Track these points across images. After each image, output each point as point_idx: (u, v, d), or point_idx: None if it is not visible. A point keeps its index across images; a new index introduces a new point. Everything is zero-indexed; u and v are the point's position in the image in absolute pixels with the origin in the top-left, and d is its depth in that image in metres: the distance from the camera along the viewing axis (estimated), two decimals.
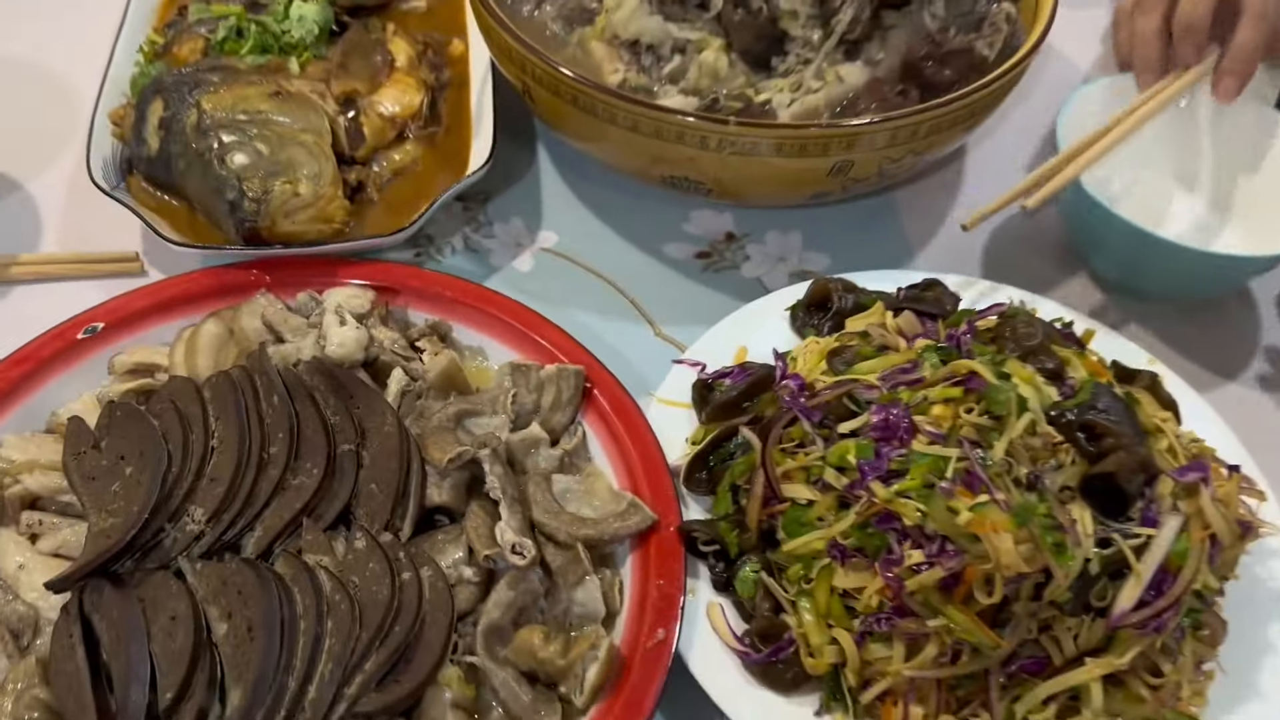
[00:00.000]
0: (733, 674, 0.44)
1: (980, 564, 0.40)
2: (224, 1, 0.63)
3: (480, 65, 0.63)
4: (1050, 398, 0.43)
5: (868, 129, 0.52)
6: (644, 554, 0.46)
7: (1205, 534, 0.42)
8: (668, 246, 0.62)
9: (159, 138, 0.56)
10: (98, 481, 0.44)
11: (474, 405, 0.50)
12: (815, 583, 0.43)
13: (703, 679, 0.43)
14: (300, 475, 0.45)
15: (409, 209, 0.57)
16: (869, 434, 0.43)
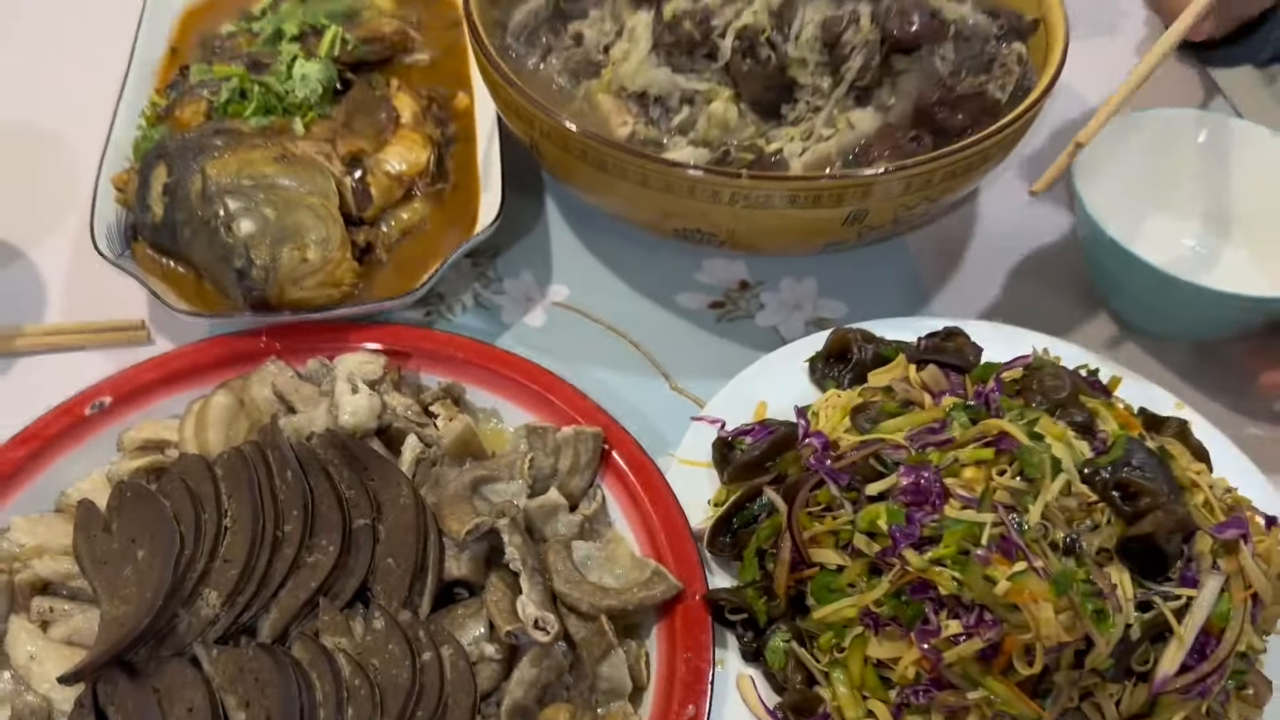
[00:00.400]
0: None
1: (1020, 634, 0.39)
2: (226, 62, 0.63)
3: (486, 119, 0.63)
4: (1083, 454, 0.42)
5: (882, 178, 0.51)
6: (670, 624, 0.45)
7: (1247, 593, 0.41)
8: (680, 296, 0.61)
9: (164, 204, 0.55)
10: (109, 566, 0.43)
11: (490, 471, 0.49)
12: (848, 652, 0.42)
13: None
14: (315, 553, 0.44)
15: (419, 268, 0.56)
16: (899, 498, 0.42)
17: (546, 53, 0.61)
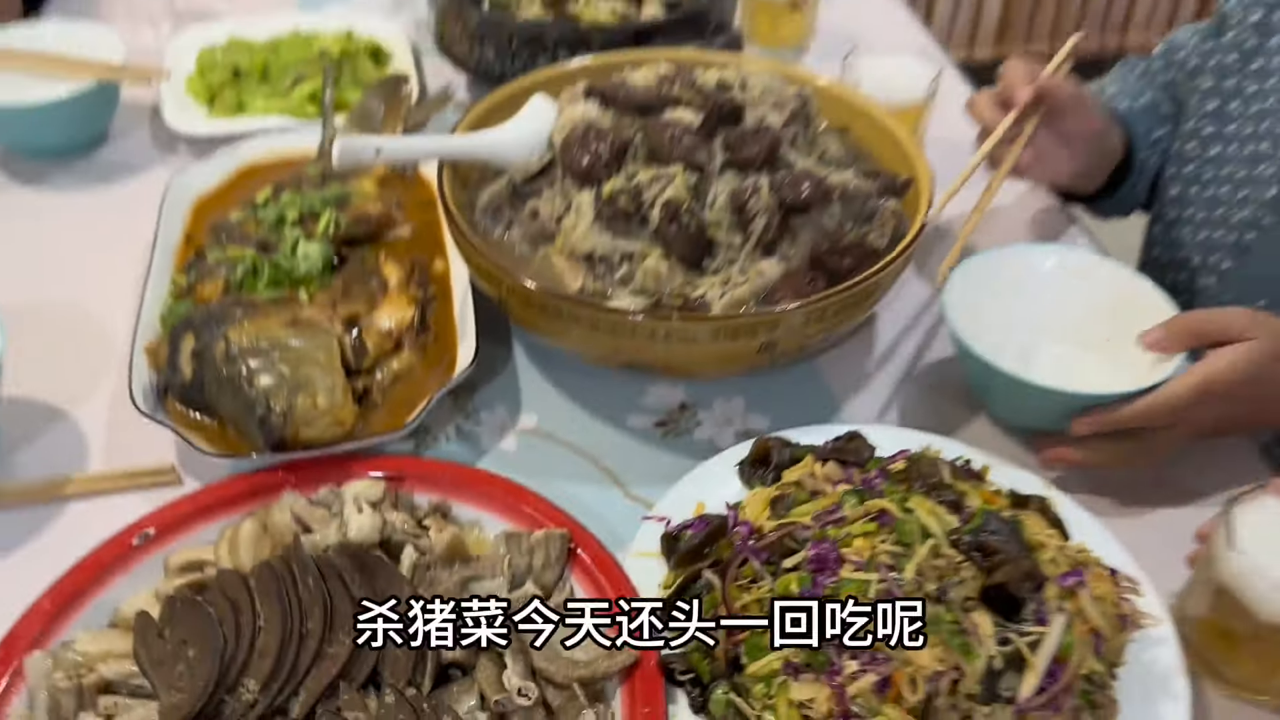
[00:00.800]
0: None
1: (904, 668, 0.49)
2: (237, 244, 0.75)
3: (460, 280, 0.75)
4: (950, 525, 0.53)
5: (785, 315, 0.63)
6: (630, 686, 0.54)
7: (1087, 628, 0.51)
8: (630, 418, 0.72)
9: (192, 366, 0.66)
10: (164, 665, 0.52)
11: (476, 571, 0.59)
12: (776, 698, 0.51)
13: None
14: (335, 645, 0.53)
15: (408, 407, 0.67)
16: (807, 567, 0.52)
17: (509, 225, 0.73)
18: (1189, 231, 0.85)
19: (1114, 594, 0.54)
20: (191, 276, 0.74)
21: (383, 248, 0.78)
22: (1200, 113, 0.86)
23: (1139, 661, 0.55)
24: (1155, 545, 0.62)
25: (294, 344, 0.66)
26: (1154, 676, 0.55)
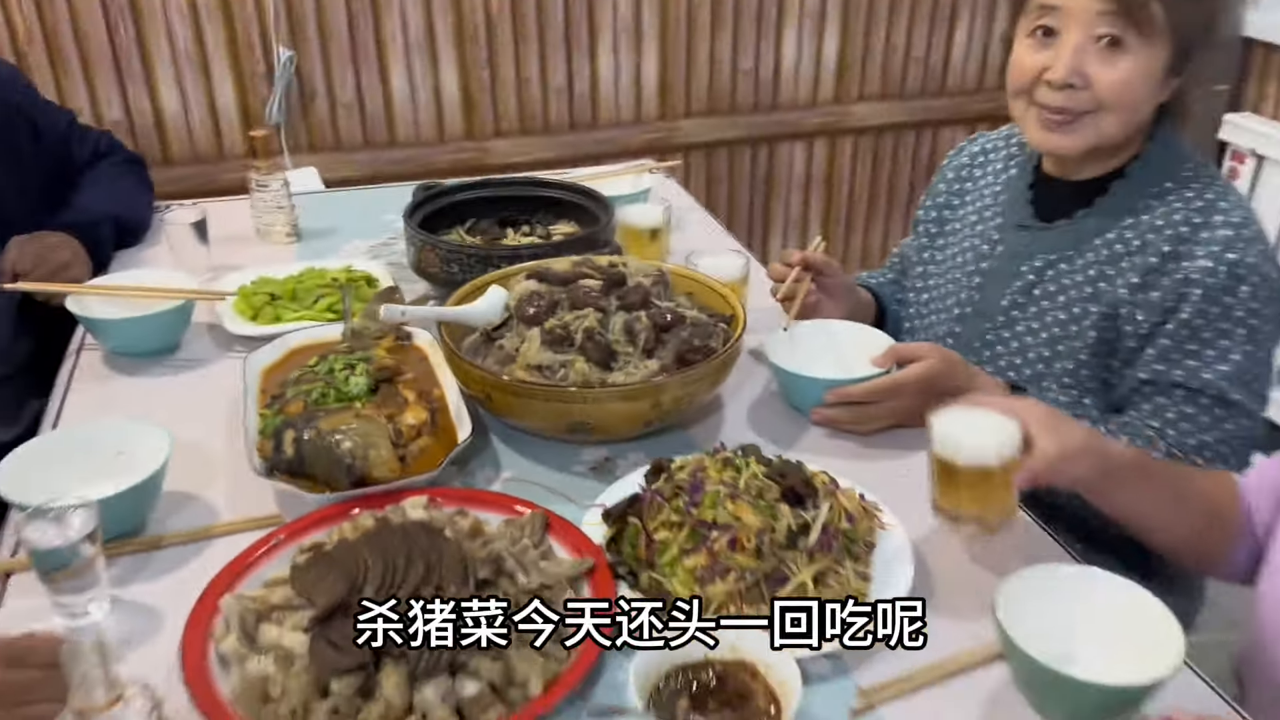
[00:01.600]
0: None
1: (743, 530, 0.88)
2: (307, 383, 1.14)
3: (453, 394, 1.15)
4: (763, 469, 0.94)
5: (662, 383, 1.06)
6: (594, 580, 0.91)
7: (841, 509, 0.92)
8: (573, 467, 1.10)
9: (294, 449, 1.03)
10: (313, 585, 0.87)
11: (489, 538, 0.96)
12: (675, 570, 0.89)
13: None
14: (414, 567, 0.89)
15: (430, 468, 1.05)
16: (686, 494, 0.92)
17: (484, 357, 1.15)
18: (920, 335, 1.34)
19: (857, 499, 0.95)
20: (276, 406, 1.12)
21: (400, 383, 1.18)
22: (914, 275, 1.37)
23: (885, 548, 0.95)
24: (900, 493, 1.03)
25: (359, 426, 1.04)
26: (893, 554, 0.95)
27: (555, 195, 1.56)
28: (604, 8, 2.50)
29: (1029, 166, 1.26)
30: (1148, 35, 1.05)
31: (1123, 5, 1.03)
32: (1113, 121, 1.09)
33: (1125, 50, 1.06)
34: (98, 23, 2.25)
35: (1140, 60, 1.06)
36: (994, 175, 1.32)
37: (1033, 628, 0.78)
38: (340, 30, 2.38)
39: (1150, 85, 1.08)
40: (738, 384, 1.25)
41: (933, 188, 1.41)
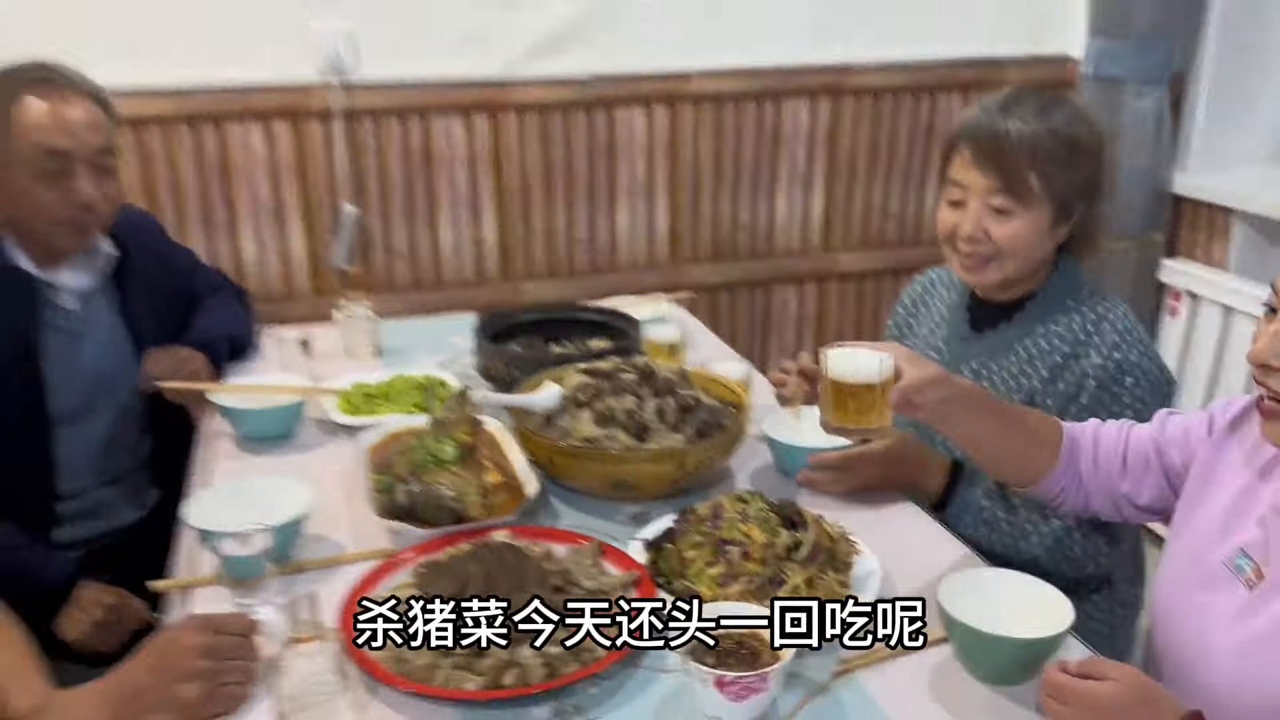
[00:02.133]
0: None
1: (753, 545, 1.18)
2: (408, 455, 1.46)
3: (520, 463, 1.47)
4: (765, 504, 1.25)
5: (686, 450, 1.38)
6: (640, 587, 1.20)
7: (825, 532, 1.22)
8: (616, 519, 1.41)
9: (408, 500, 1.35)
10: (433, 585, 1.16)
11: (559, 562, 1.25)
12: (700, 577, 1.19)
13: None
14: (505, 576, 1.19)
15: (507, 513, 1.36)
16: (709, 521, 1.23)
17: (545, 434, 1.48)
18: None
19: (838, 528, 1.26)
20: (385, 471, 1.44)
21: (478, 455, 1.50)
22: None
23: (859, 567, 1.25)
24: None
25: (455, 480, 1.36)
26: (866, 571, 1.25)
27: (591, 318, 1.92)
28: (622, 170, 2.93)
29: (965, 292, 1.62)
30: (1028, 203, 1.42)
31: (1006, 184, 1.41)
32: (1011, 263, 1.46)
33: (1013, 214, 1.43)
34: (193, 179, 2.66)
35: (1026, 220, 1.43)
36: (940, 300, 1.68)
37: (964, 610, 1.08)
38: (397, 190, 2.79)
39: (1037, 236, 1.44)
40: (743, 459, 1.57)
41: (896, 308, 1.77)
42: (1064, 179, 1.41)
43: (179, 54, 2.51)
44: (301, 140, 2.67)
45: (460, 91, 2.72)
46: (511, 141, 2.81)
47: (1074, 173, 1.42)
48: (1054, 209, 1.43)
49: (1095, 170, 1.45)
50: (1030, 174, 1.40)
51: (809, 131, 3.08)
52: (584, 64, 2.79)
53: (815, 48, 3.00)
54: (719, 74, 2.92)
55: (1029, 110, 1.42)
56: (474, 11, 2.67)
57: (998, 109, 1.44)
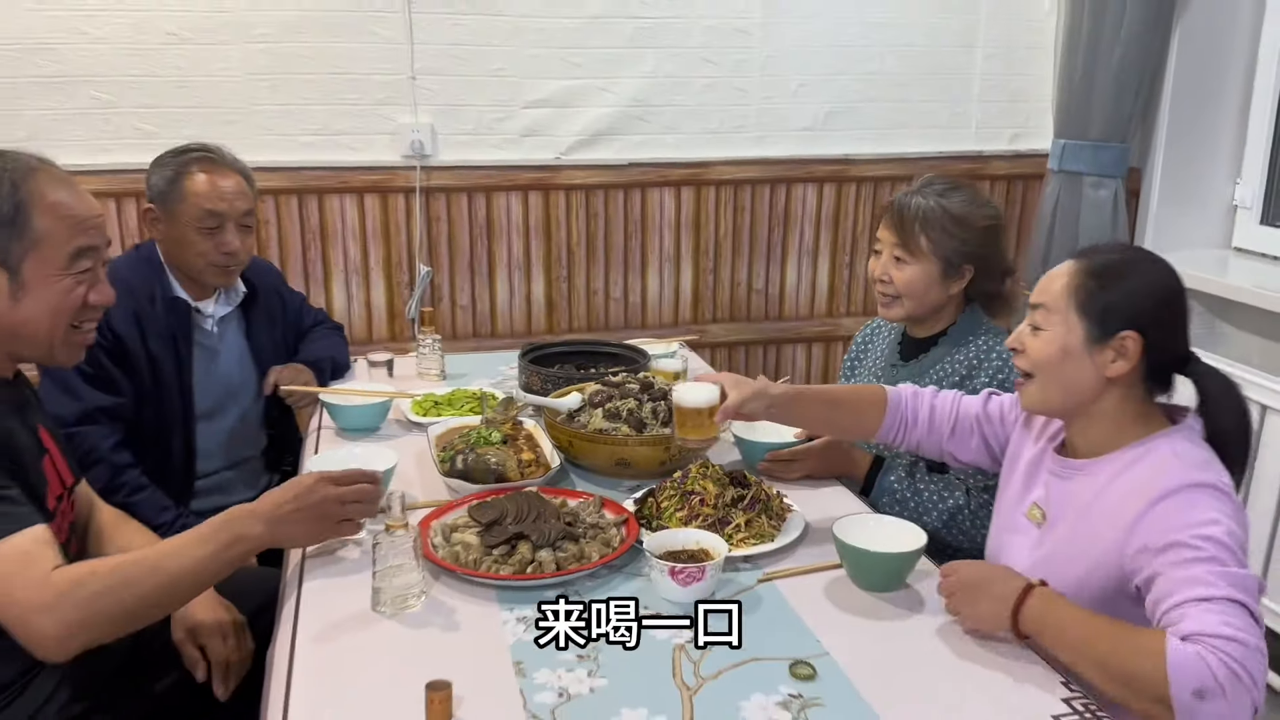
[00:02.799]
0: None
1: (708, 495, 1.64)
2: (466, 437, 1.95)
3: (547, 447, 1.96)
4: (720, 469, 1.72)
5: (671, 438, 1.86)
6: (628, 526, 1.67)
7: (763, 490, 1.68)
8: (620, 490, 1.89)
9: (462, 464, 1.84)
10: (480, 514, 1.64)
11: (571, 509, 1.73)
12: (671, 518, 1.65)
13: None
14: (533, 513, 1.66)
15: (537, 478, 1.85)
16: (678, 480, 1.70)
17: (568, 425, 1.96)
18: None
19: (775, 491, 1.72)
20: (448, 449, 1.93)
21: (517, 441, 1.99)
22: None
23: (791, 520, 1.71)
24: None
25: (499, 453, 1.85)
26: (792, 520, 1.70)
27: (611, 350, 2.42)
28: (653, 240, 3.46)
29: (900, 331, 2.09)
30: (919, 257, 1.90)
31: (903, 240, 1.90)
32: (909, 302, 1.93)
33: (907, 263, 1.91)
34: (297, 240, 3.23)
35: (917, 269, 1.91)
36: (882, 339, 2.15)
37: (851, 539, 1.53)
38: (463, 253, 3.35)
39: (925, 283, 1.91)
40: (717, 454, 2.03)
41: (850, 347, 2.26)
42: (947, 243, 1.89)
43: (295, 140, 3.12)
44: (387, 211, 3.25)
45: (519, 174, 3.29)
46: (560, 215, 3.36)
47: (956, 240, 1.90)
48: (941, 265, 1.90)
49: (981, 242, 1.91)
50: (921, 236, 1.89)
51: (816, 213, 3.59)
52: (622, 152, 3.36)
53: (823, 142, 3.53)
54: (738, 162, 3.46)
55: (933, 191, 1.91)
56: (532, 110, 3.26)
57: (913, 189, 1.93)
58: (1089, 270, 1.38)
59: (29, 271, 1.38)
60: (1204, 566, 1.20)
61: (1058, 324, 1.39)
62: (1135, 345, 1.35)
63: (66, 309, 1.42)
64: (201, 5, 2.95)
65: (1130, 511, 1.30)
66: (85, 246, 1.43)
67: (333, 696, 1.26)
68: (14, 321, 1.39)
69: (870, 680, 1.30)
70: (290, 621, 1.43)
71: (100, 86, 2.96)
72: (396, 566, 1.44)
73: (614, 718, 1.22)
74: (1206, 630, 1.14)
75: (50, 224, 1.38)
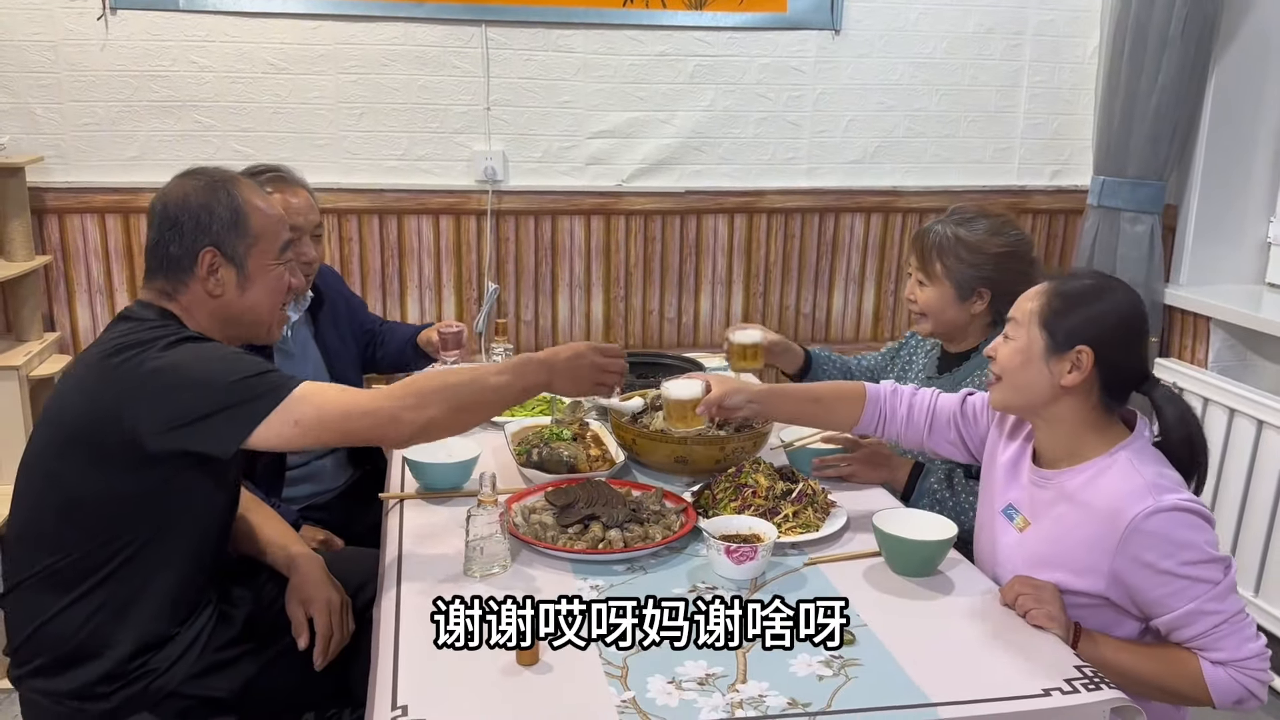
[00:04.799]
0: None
1: (759, 487, 1.83)
2: (540, 434, 2.15)
3: (612, 445, 2.15)
4: (771, 465, 1.90)
5: (726, 438, 2.05)
6: (687, 514, 1.85)
7: (810, 486, 1.86)
8: (676, 485, 2.08)
9: (537, 456, 2.04)
10: (556, 498, 1.84)
11: (636, 499, 1.92)
12: (725, 508, 1.84)
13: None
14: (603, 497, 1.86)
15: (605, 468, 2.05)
16: (733, 474, 1.88)
17: None
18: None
19: (820, 490, 1.90)
20: (524, 444, 2.13)
21: (585, 439, 2.19)
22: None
23: (835, 514, 1.88)
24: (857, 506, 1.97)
25: (570, 448, 2.05)
26: (835, 514, 1.88)
27: (668, 362, 2.62)
28: (706, 264, 3.66)
29: (939, 347, 2.27)
30: (935, 279, 2.09)
31: (922, 265, 2.10)
32: (930, 321, 2.13)
33: (927, 286, 2.11)
34: (377, 256, 3.48)
35: (935, 291, 2.10)
36: (924, 353, 2.34)
37: (890, 529, 1.70)
38: (529, 271, 3.57)
39: (942, 304, 2.10)
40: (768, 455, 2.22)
41: (884, 349, 2.46)
42: (959, 269, 2.08)
43: (378, 165, 3.37)
44: (460, 232, 3.49)
45: (583, 199, 3.51)
46: (620, 239, 3.58)
47: (967, 265, 2.08)
48: (955, 288, 2.09)
49: (995, 268, 2.08)
50: (937, 262, 2.08)
51: (863, 241, 3.77)
52: (680, 181, 3.57)
53: (871, 174, 3.72)
54: (789, 192, 3.66)
55: (952, 221, 2.10)
56: (596, 140, 3.48)
57: (939, 219, 2.12)
58: (1058, 292, 1.56)
59: (252, 265, 1.64)
60: (1201, 596, 1.44)
61: (1022, 335, 1.57)
62: (1088, 359, 1.51)
63: (280, 292, 1.70)
64: (299, 38, 3.22)
65: (1109, 536, 1.48)
66: (289, 240, 1.72)
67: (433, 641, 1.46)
68: (241, 309, 1.65)
69: (903, 646, 1.47)
70: (394, 581, 1.63)
71: (205, 111, 3.23)
72: (486, 537, 1.64)
73: (678, 666, 1.40)
74: (1235, 657, 1.44)
75: (262, 223, 1.65)
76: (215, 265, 1.60)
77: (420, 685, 1.35)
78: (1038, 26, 3.64)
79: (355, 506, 2.53)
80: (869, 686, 1.37)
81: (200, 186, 1.60)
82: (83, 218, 3.23)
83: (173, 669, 1.59)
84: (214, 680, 1.64)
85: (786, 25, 3.48)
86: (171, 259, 1.58)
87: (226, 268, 1.61)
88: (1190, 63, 3.25)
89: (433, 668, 1.39)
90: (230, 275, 1.61)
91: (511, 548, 1.73)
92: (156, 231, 1.60)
